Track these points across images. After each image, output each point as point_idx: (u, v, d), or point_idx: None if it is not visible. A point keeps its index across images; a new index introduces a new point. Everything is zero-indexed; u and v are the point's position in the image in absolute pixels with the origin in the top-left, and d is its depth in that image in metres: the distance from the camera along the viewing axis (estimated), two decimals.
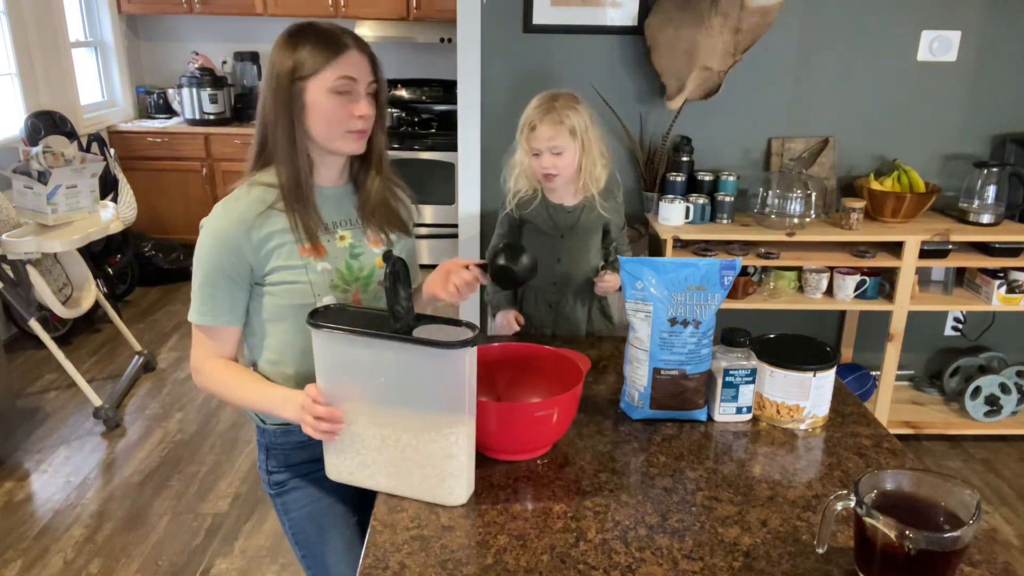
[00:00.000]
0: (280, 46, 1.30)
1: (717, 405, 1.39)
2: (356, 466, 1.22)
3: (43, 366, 3.58)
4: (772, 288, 2.86)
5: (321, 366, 1.18)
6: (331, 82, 1.28)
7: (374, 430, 1.18)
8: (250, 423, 3.12)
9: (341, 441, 1.21)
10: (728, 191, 2.79)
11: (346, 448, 1.21)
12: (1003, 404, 2.98)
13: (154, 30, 5.20)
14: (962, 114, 2.94)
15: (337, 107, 1.30)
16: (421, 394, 1.13)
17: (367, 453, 1.20)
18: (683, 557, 1.04)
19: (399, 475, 1.18)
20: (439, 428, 1.13)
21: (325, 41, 1.29)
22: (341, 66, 1.29)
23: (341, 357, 1.16)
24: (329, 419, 1.18)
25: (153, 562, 2.34)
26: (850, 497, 0.97)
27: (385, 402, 1.15)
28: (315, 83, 1.29)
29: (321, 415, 1.18)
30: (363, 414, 1.18)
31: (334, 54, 1.28)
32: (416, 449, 1.15)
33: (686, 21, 2.63)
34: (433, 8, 4.67)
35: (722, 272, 1.34)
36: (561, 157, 1.81)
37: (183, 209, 4.88)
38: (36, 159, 3.12)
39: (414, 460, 1.16)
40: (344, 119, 1.31)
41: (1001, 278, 2.76)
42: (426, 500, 1.16)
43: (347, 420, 1.19)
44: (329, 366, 1.18)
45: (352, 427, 1.19)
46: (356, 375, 1.16)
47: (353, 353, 1.15)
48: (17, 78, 3.94)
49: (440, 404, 1.12)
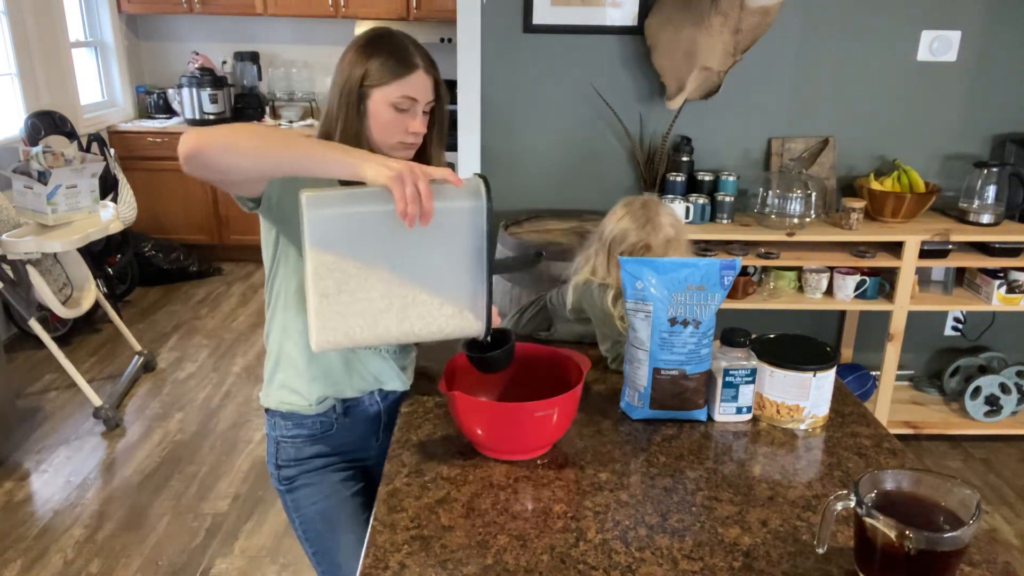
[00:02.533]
0: (356, 50, 1.36)
1: (717, 405, 1.39)
2: (360, 325, 1.15)
3: (43, 366, 3.58)
4: (772, 288, 2.86)
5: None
6: (394, 98, 1.34)
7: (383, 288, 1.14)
8: (250, 423, 3.12)
9: (345, 304, 1.14)
10: (728, 191, 2.79)
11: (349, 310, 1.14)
12: (1003, 404, 2.98)
13: (154, 30, 5.20)
14: (962, 114, 2.94)
15: (394, 120, 1.35)
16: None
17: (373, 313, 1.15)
18: (683, 557, 1.04)
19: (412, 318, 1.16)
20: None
21: (397, 58, 1.34)
22: (405, 86, 1.34)
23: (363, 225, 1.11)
24: (423, 202, 1.05)
25: (153, 562, 2.34)
26: (850, 497, 0.96)
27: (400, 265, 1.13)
28: (379, 94, 1.34)
29: (424, 191, 1.05)
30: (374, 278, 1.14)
31: (403, 73, 1.33)
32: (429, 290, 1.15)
33: (686, 21, 2.63)
34: (433, 8, 4.67)
35: (722, 272, 1.34)
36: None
37: (183, 209, 4.88)
38: (36, 159, 3.13)
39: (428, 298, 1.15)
40: (398, 132, 1.36)
41: (1001, 278, 2.76)
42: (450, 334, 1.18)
43: (353, 287, 1.13)
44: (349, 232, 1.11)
45: (358, 293, 1.13)
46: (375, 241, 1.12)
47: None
48: (17, 78, 3.94)
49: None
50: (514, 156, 2.96)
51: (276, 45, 5.18)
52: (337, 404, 1.45)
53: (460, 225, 1.12)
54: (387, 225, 1.09)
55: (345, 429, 1.48)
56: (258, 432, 3.07)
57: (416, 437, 1.33)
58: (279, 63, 5.20)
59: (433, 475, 1.22)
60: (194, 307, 4.33)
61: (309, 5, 4.70)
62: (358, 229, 1.11)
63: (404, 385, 1.49)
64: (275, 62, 5.20)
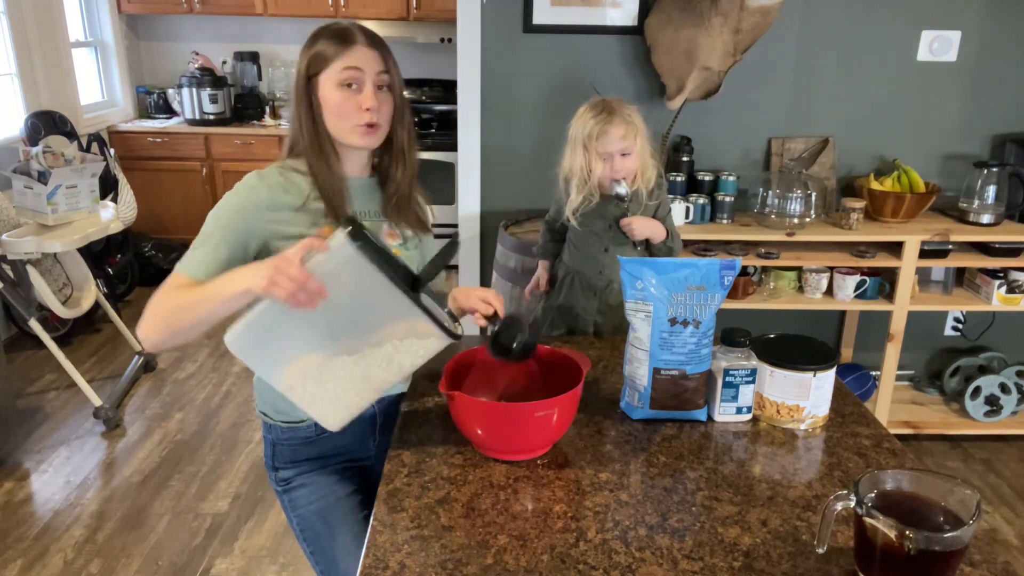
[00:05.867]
0: (303, 46, 1.36)
1: (717, 405, 1.39)
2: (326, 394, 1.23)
3: (43, 366, 3.58)
4: (772, 288, 2.85)
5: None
6: (337, 74, 1.32)
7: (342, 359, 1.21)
8: (250, 423, 3.12)
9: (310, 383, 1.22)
10: (728, 191, 2.79)
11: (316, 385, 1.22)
12: (1003, 404, 2.98)
13: (154, 30, 5.20)
14: (962, 114, 2.94)
15: (345, 100, 1.33)
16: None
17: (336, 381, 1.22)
18: (683, 557, 1.04)
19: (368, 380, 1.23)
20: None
21: (335, 36, 1.33)
22: (346, 58, 1.32)
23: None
24: (305, 286, 1.08)
25: (153, 562, 2.34)
26: (850, 497, 0.96)
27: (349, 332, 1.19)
28: (325, 77, 1.33)
29: (297, 278, 1.07)
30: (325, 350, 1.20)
31: (342, 48, 1.32)
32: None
33: (686, 21, 2.63)
34: (433, 8, 4.67)
35: (722, 272, 1.34)
36: (629, 158, 1.86)
37: (183, 209, 4.88)
38: (36, 159, 3.13)
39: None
40: (352, 112, 1.34)
41: (1001, 278, 2.76)
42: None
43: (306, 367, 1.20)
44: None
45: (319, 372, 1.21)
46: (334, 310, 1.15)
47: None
48: (17, 78, 3.94)
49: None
50: (514, 156, 2.96)
51: (276, 45, 5.18)
52: None
53: (351, 276, 1.12)
54: (300, 314, 1.12)
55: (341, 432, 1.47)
56: (258, 432, 3.07)
57: (416, 437, 1.33)
58: (279, 63, 5.20)
59: (433, 475, 1.22)
60: None
61: (309, 5, 4.71)
62: (283, 331, 1.17)
63: (403, 386, 1.49)
64: (275, 62, 5.20)
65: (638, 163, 1.89)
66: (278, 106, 5.17)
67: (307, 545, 1.47)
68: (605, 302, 2.00)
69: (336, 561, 1.42)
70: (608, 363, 1.64)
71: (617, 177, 1.87)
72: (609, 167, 1.87)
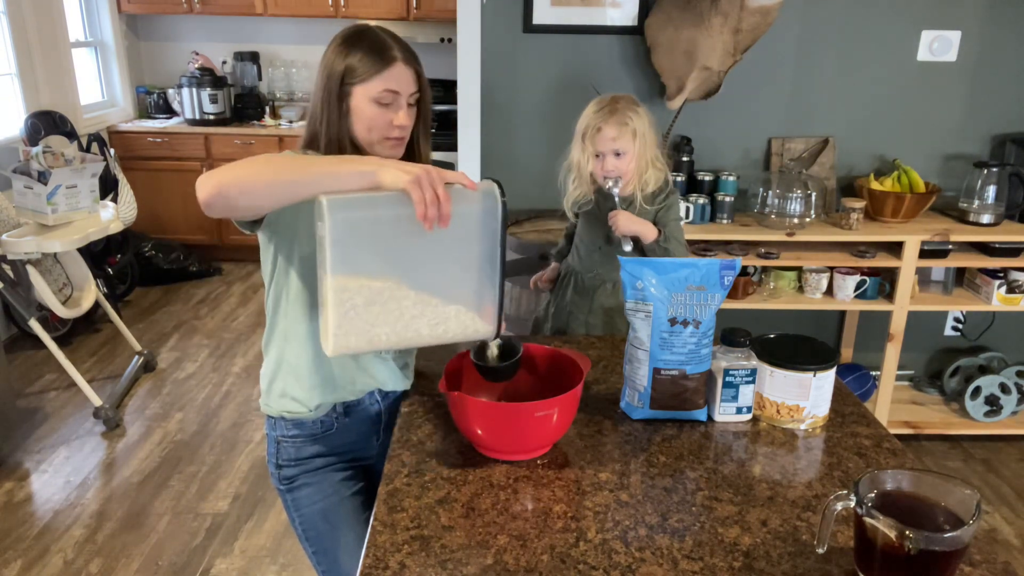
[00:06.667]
0: (335, 48, 1.36)
1: (717, 405, 1.39)
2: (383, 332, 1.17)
3: (43, 366, 3.58)
4: (772, 288, 2.85)
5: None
6: (376, 92, 1.34)
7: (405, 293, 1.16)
8: (251, 423, 3.12)
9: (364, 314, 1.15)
10: (728, 191, 2.79)
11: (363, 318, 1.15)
12: (1003, 404, 2.98)
13: (154, 30, 5.20)
14: (962, 114, 2.94)
15: (378, 115, 1.35)
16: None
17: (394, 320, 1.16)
18: (683, 557, 1.04)
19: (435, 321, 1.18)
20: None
21: (376, 52, 1.34)
22: (387, 79, 1.34)
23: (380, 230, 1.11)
24: (441, 205, 1.06)
25: (153, 562, 2.34)
26: (850, 497, 0.96)
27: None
28: (361, 89, 1.34)
29: (441, 193, 1.06)
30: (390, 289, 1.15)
31: (383, 66, 1.33)
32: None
33: (686, 21, 2.63)
34: (433, 8, 4.67)
35: (722, 272, 1.34)
36: (622, 159, 1.85)
37: (183, 209, 4.87)
38: (36, 159, 3.13)
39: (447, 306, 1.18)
40: (383, 127, 1.36)
41: (1001, 278, 2.76)
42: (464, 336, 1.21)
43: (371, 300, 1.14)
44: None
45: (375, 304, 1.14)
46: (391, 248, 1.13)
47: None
48: (17, 78, 3.94)
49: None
50: (514, 156, 2.96)
51: (276, 45, 5.18)
52: (338, 404, 1.45)
53: (474, 229, 1.12)
54: (405, 229, 1.09)
55: (345, 429, 1.48)
56: (258, 432, 3.07)
57: (416, 437, 1.33)
58: (279, 63, 5.20)
59: (433, 475, 1.22)
60: (194, 307, 4.33)
61: (309, 5, 4.70)
62: (378, 233, 1.11)
63: (404, 385, 1.49)
64: (275, 62, 5.20)
65: (633, 165, 1.87)
66: (278, 106, 5.17)
67: (309, 545, 1.47)
68: (597, 302, 1.99)
69: (339, 562, 1.42)
70: (608, 363, 1.64)
71: (607, 176, 1.86)
72: (600, 165, 1.87)
